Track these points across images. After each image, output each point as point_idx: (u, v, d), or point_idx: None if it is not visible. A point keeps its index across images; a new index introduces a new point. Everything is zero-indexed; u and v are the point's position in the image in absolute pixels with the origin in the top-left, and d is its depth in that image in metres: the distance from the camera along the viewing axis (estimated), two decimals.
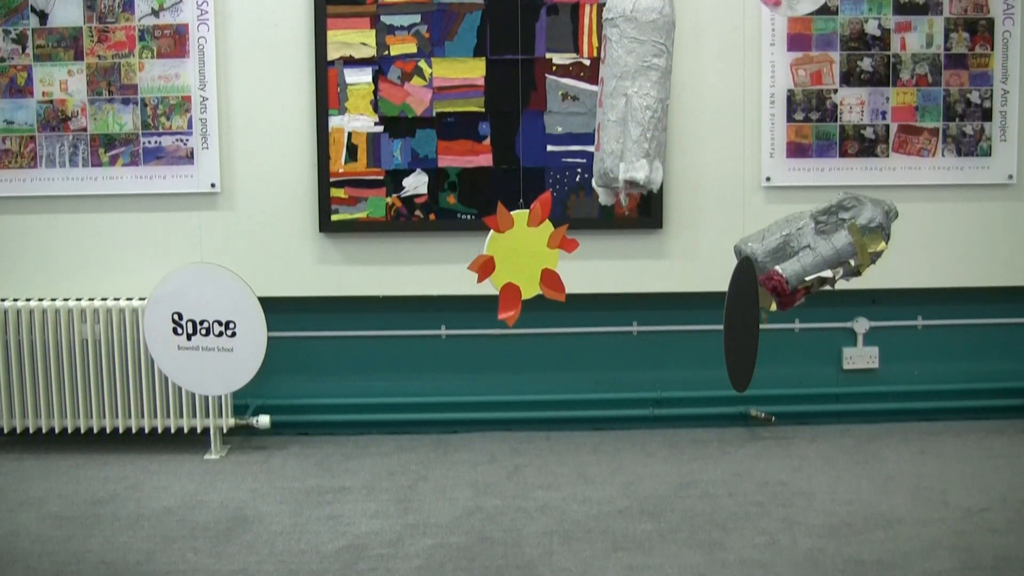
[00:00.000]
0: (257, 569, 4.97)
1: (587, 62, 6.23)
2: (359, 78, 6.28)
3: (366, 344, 6.65)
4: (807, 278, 3.70)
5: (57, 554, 5.13)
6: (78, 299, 6.33)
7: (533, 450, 6.40)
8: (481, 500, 5.71)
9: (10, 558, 5.09)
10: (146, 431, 6.39)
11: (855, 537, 5.21)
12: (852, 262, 3.73)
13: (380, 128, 6.29)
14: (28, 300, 6.33)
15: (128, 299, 6.32)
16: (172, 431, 6.40)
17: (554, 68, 6.25)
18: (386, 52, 6.26)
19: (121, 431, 6.39)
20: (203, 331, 4.46)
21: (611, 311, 6.63)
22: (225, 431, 6.44)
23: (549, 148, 6.28)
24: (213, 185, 6.33)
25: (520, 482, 5.94)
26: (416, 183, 6.31)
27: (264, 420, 6.46)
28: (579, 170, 6.28)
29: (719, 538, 5.23)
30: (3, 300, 6.34)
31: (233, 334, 4.57)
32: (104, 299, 6.32)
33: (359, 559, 5.06)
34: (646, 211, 6.36)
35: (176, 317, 4.41)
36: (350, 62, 6.27)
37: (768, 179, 6.38)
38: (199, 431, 6.42)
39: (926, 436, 6.50)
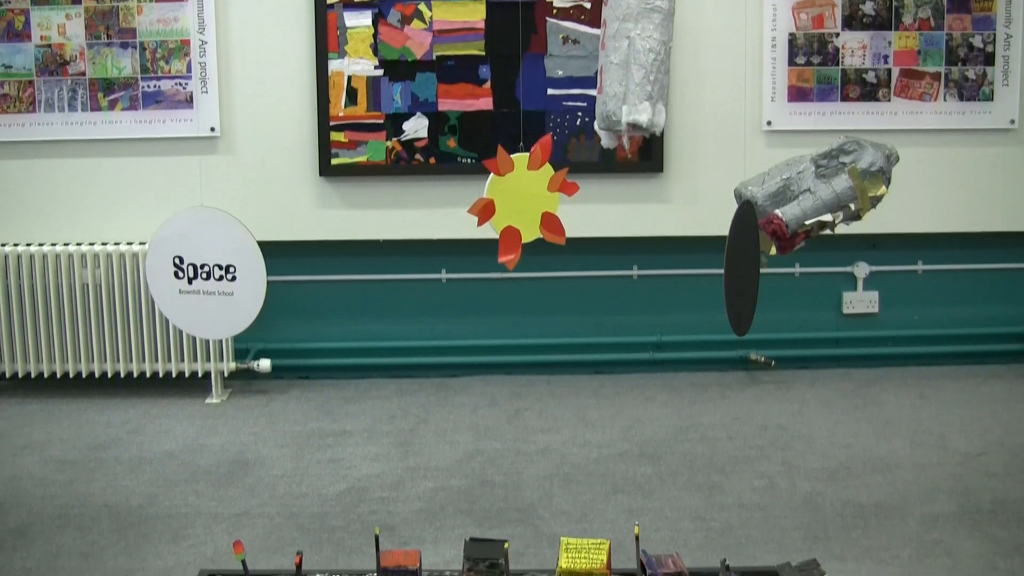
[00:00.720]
0: (259, 512, 4.99)
1: (588, 5, 6.20)
2: (359, 21, 6.24)
3: (366, 288, 6.66)
4: (807, 222, 3.69)
5: (60, 497, 5.16)
6: (78, 244, 6.33)
7: (533, 394, 6.41)
8: (481, 443, 5.73)
9: (13, 502, 5.12)
10: (147, 375, 6.41)
11: (854, 481, 5.24)
12: (852, 206, 3.72)
13: (380, 72, 6.27)
14: (28, 245, 6.33)
15: (128, 243, 6.31)
16: (173, 375, 6.42)
17: (555, 11, 6.22)
18: None
19: (123, 375, 6.41)
20: (204, 275, 4.47)
21: (611, 255, 6.63)
22: (226, 375, 6.46)
23: (549, 92, 6.25)
24: (213, 129, 6.32)
25: (520, 425, 5.96)
26: (416, 127, 6.29)
27: (265, 364, 6.48)
28: (579, 114, 6.26)
29: (718, 481, 5.25)
30: (3, 245, 6.34)
31: (233, 278, 4.58)
32: (104, 244, 6.32)
33: (360, 502, 5.09)
34: (647, 155, 6.34)
35: (177, 261, 4.42)
36: (349, 5, 6.23)
37: (769, 123, 6.36)
38: (200, 375, 6.44)
39: (925, 380, 6.52)
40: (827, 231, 3.76)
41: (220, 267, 4.49)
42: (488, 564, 3.14)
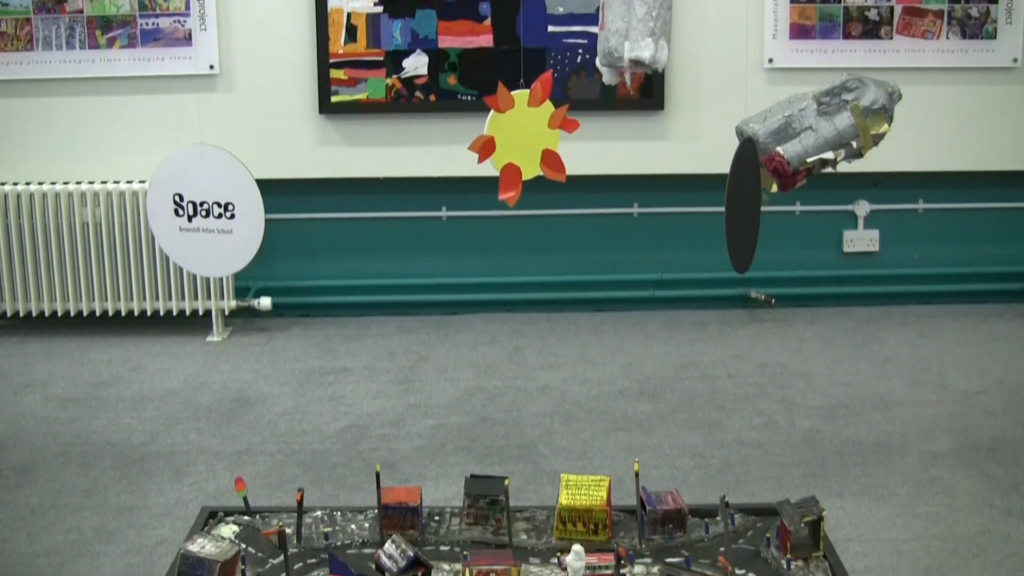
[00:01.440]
0: (260, 449, 5.02)
1: None
2: None
3: (367, 226, 6.65)
4: (808, 159, 3.68)
5: (62, 435, 5.18)
6: (78, 182, 6.31)
7: (534, 331, 6.43)
8: (482, 381, 5.75)
9: (16, 440, 5.14)
10: (148, 314, 6.42)
11: (853, 418, 5.26)
12: (854, 144, 3.70)
13: (380, 8, 6.22)
14: (28, 184, 6.32)
15: (128, 182, 6.30)
16: (174, 313, 6.43)
17: None
18: None
19: (124, 314, 6.41)
20: (203, 213, 4.45)
21: (612, 192, 6.62)
22: (227, 313, 6.47)
23: (550, 28, 6.22)
24: (212, 67, 6.28)
25: (520, 363, 5.97)
26: (416, 64, 6.26)
27: (265, 302, 6.49)
28: (580, 51, 6.22)
29: (718, 419, 5.27)
30: (3, 184, 6.32)
31: (232, 216, 4.55)
32: (104, 182, 6.31)
33: (361, 439, 5.11)
34: (647, 92, 6.32)
35: (177, 198, 4.39)
36: None
37: (771, 61, 6.33)
38: (201, 313, 6.45)
39: (925, 319, 6.53)
40: (829, 169, 3.75)
41: (219, 205, 4.46)
42: (488, 500, 3.15)
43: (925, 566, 4.08)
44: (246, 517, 3.20)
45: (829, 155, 3.70)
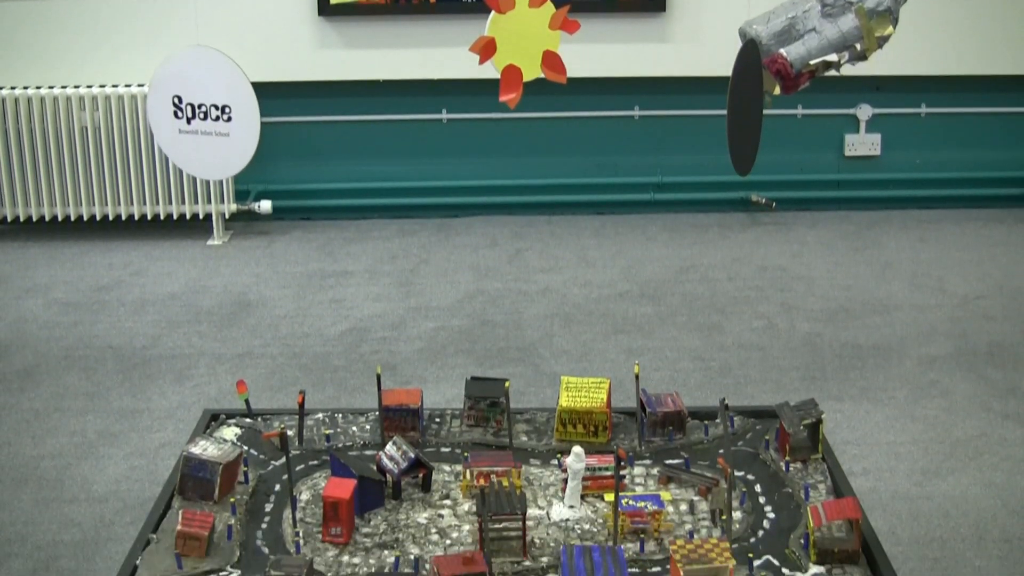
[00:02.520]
0: (262, 352, 5.04)
1: None
2: None
3: (367, 128, 6.62)
4: (812, 62, 3.65)
5: (65, 339, 5.20)
6: (76, 87, 6.27)
7: (534, 234, 6.42)
8: (482, 283, 5.75)
9: (19, 343, 5.17)
10: (148, 218, 6.41)
11: (852, 322, 5.28)
12: (858, 46, 3.67)
13: None
14: (27, 88, 6.27)
15: (127, 86, 6.26)
16: (175, 217, 6.42)
17: None
18: None
19: (124, 218, 6.40)
20: (201, 115, 4.43)
21: (613, 95, 6.58)
22: (227, 216, 6.46)
23: None
24: None
25: (521, 265, 5.98)
26: None
27: (266, 205, 6.47)
28: None
29: (718, 321, 5.29)
30: (1, 88, 6.28)
31: (229, 119, 4.53)
32: (103, 86, 6.26)
33: (362, 342, 5.13)
34: None
35: (176, 100, 4.37)
36: None
37: None
38: (201, 217, 6.44)
39: (925, 224, 6.53)
40: (832, 71, 3.73)
41: (216, 107, 4.44)
42: (489, 402, 3.17)
43: (922, 468, 4.12)
44: (248, 419, 3.22)
45: (833, 57, 3.67)
